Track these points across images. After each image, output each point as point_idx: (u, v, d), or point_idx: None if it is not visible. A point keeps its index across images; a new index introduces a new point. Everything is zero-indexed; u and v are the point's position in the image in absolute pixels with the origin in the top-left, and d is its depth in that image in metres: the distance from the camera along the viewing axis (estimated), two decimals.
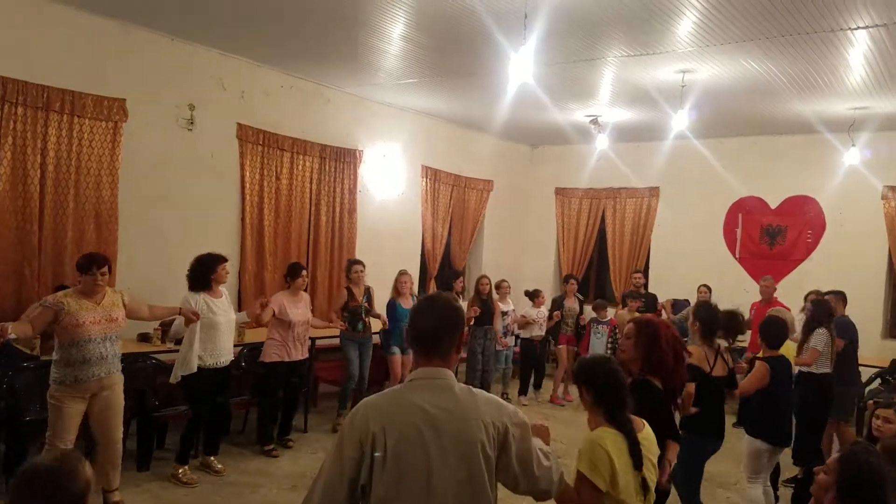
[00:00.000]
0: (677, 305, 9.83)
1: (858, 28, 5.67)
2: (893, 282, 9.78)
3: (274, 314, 6.59)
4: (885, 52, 6.23)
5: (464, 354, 8.58)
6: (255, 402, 7.01)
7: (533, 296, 9.63)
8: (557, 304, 9.52)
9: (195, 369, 5.65)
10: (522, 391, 9.51)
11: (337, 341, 7.67)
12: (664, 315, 9.70)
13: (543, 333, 9.52)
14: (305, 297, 7.00)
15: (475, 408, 2.12)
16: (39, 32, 6.23)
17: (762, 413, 4.98)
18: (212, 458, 6.12)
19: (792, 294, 8.91)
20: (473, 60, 7.26)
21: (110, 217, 6.79)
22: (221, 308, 5.93)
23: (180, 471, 5.79)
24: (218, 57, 7.63)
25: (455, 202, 11.29)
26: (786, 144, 10.37)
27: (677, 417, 4.17)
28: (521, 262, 12.44)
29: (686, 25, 5.88)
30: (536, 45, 5.75)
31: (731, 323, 5.18)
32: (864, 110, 8.36)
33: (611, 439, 2.66)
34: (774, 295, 8.85)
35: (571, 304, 9.58)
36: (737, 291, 9.67)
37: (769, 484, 5.29)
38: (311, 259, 8.90)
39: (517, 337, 9.73)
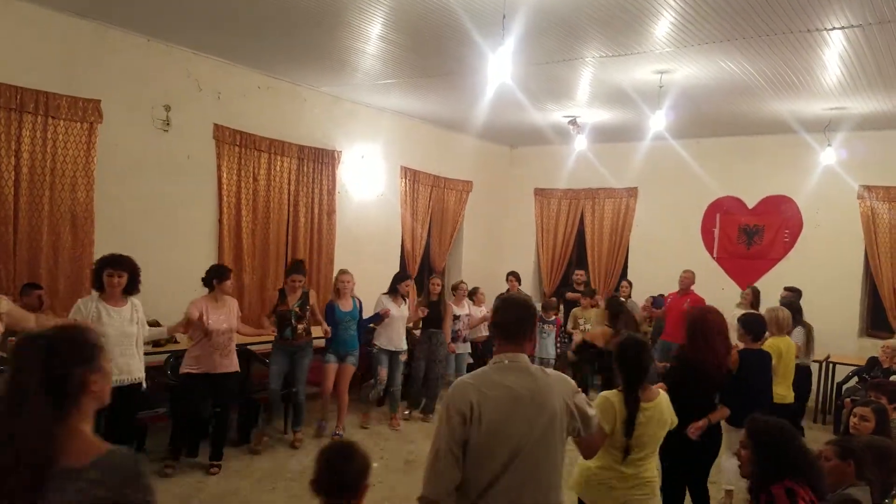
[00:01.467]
0: (657, 301, 9.87)
1: (834, 28, 5.72)
2: (870, 281, 9.89)
3: (199, 318, 5.94)
4: (861, 52, 6.29)
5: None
6: (166, 416, 6.34)
7: (471, 294, 9.31)
8: None
9: None
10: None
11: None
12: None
13: (487, 334, 9.11)
14: (231, 302, 6.32)
15: (549, 385, 2.69)
16: (12, 33, 6.14)
17: (730, 398, 4.85)
18: None
19: (771, 292, 8.97)
20: (452, 61, 7.24)
21: (86, 219, 6.71)
22: (116, 318, 5.22)
23: None
24: (193, 57, 7.56)
25: (434, 203, 11.27)
26: (763, 144, 10.45)
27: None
28: (500, 263, 12.41)
29: (663, 26, 5.90)
30: (515, 46, 5.75)
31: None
32: (840, 110, 8.45)
33: (618, 399, 3.50)
34: (692, 287, 9.22)
35: None
36: (714, 291, 9.72)
37: None
38: (289, 261, 8.82)
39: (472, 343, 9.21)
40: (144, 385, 5.45)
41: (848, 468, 3.43)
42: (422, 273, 11.26)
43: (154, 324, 6.17)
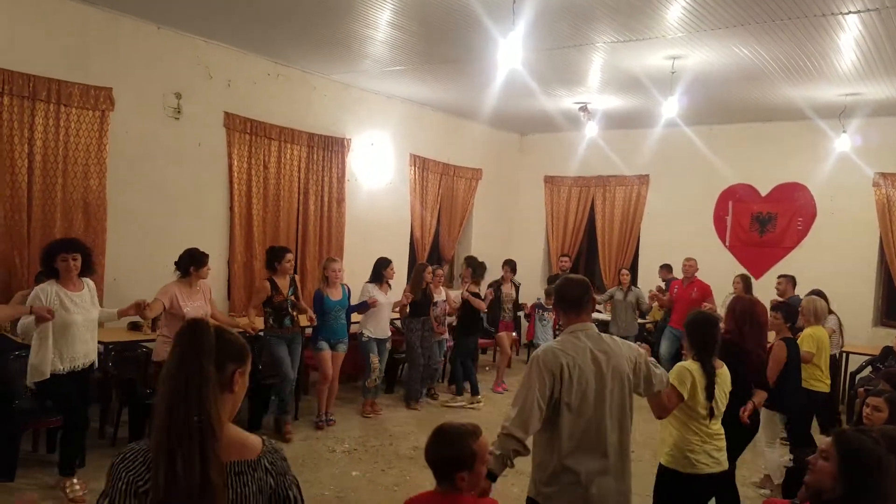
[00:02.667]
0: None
1: (850, 13, 5.65)
2: (884, 270, 9.80)
3: (165, 308, 5.68)
4: (877, 37, 6.21)
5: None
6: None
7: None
8: (494, 289, 9.08)
9: (48, 375, 4.86)
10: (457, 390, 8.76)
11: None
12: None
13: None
14: (205, 286, 6.13)
15: (619, 349, 3.21)
16: (25, 21, 6.15)
17: (779, 387, 5.22)
18: (67, 481, 5.04)
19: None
20: (461, 47, 7.21)
21: (98, 206, 6.75)
22: (79, 303, 5.06)
23: (67, 484, 5.01)
24: (204, 45, 7.56)
25: (444, 191, 11.26)
26: (776, 131, 10.36)
27: None
28: (509, 251, 12.35)
29: (676, 10, 5.84)
30: (525, 31, 5.72)
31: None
32: (856, 96, 8.36)
33: (695, 369, 3.86)
34: (696, 275, 9.33)
35: (508, 289, 9.29)
36: (726, 279, 9.66)
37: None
38: (300, 248, 8.86)
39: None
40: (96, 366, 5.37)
41: None
42: (431, 261, 11.26)
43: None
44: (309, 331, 7.24)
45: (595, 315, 9.34)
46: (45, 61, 6.26)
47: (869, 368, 8.27)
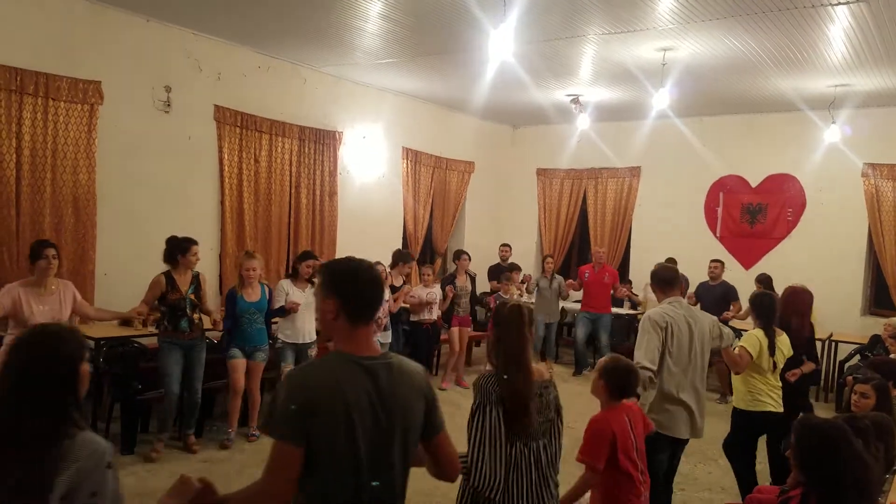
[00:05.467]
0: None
1: (839, 3, 5.66)
2: (873, 259, 9.86)
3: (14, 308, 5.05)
4: (866, 27, 6.23)
5: None
6: None
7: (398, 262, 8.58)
8: (448, 281, 8.70)
9: None
10: None
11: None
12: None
13: (435, 317, 8.45)
14: (63, 286, 5.39)
15: (704, 317, 4.45)
16: (12, 14, 6.11)
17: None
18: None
19: (774, 271, 8.95)
20: (453, 38, 7.19)
21: (88, 201, 6.71)
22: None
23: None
24: (193, 38, 7.52)
25: (436, 184, 11.25)
26: (766, 122, 10.39)
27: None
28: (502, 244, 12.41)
29: (667, 2, 5.84)
30: (516, 23, 5.72)
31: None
32: (845, 87, 8.38)
33: (761, 335, 4.96)
34: (604, 262, 10.16)
35: (463, 281, 8.84)
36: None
37: None
38: (292, 243, 8.85)
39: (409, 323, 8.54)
40: None
41: None
42: (424, 254, 11.27)
43: None
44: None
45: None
46: (32, 54, 6.21)
47: (857, 357, 8.34)
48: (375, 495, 2.13)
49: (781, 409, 5.00)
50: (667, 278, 4.54)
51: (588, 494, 3.44)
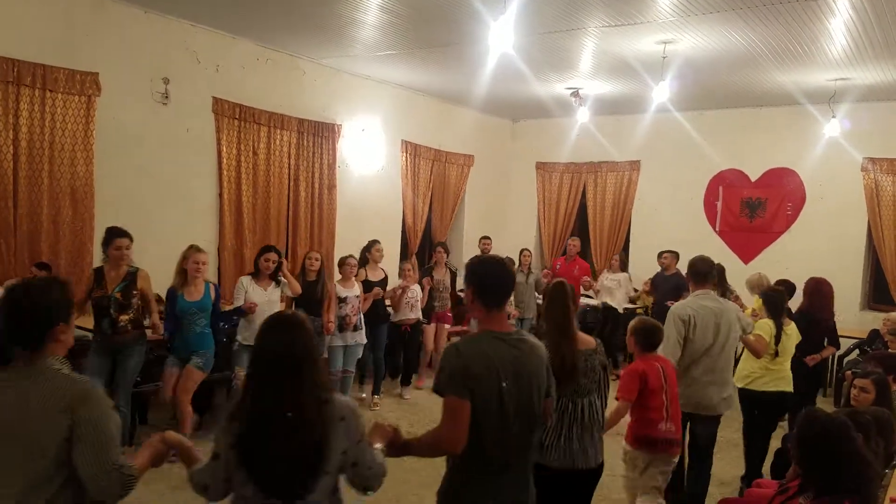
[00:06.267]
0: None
1: None
2: (872, 254, 9.85)
3: None
4: (867, 20, 6.20)
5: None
6: None
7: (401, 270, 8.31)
8: (426, 274, 8.46)
9: None
10: (376, 389, 7.84)
11: None
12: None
13: (417, 316, 8.08)
14: None
15: (728, 307, 4.89)
16: (8, 5, 6.07)
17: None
18: None
19: (773, 265, 8.96)
20: (452, 30, 7.16)
21: (86, 194, 6.68)
22: None
23: None
24: (192, 29, 7.48)
25: (435, 177, 11.22)
26: (766, 116, 10.37)
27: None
28: (502, 238, 12.37)
29: None
30: (516, 15, 5.68)
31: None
32: (845, 81, 8.36)
33: (770, 324, 5.51)
34: (576, 254, 10.24)
35: (442, 275, 8.64)
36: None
37: None
38: (290, 235, 8.83)
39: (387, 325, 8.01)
40: None
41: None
42: (423, 248, 11.25)
43: None
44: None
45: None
46: (29, 46, 6.17)
47: (857, 352, 8.34)
48: (518, 443, 2.71)
49: (787, 389, 5.53)
50: (701, 271, 4.92)
51: (627, 419, 4.31)
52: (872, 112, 9.45)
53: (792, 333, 5.66)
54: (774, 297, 5.76)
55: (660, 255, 9.51)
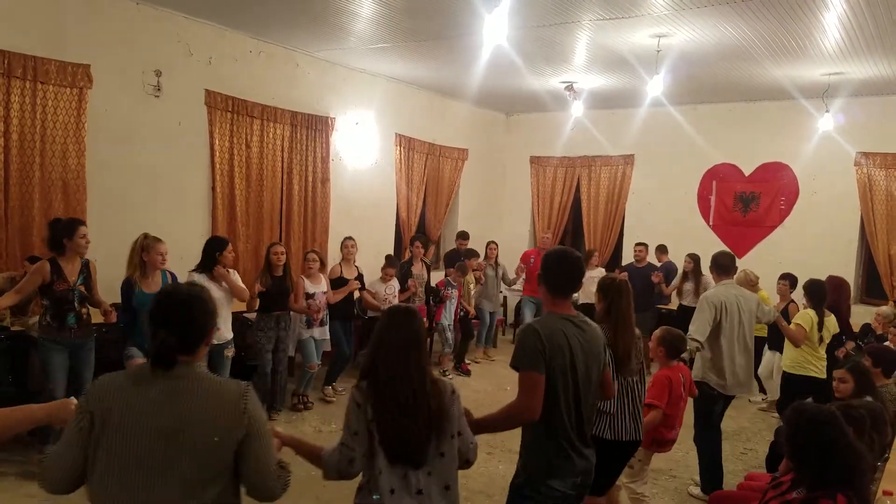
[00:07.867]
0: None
1: None
2: (865, 248, 9.89)
3: None
4: (861, 15, 6.21)
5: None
6: None
7: (388, 266, 8.46)
8: (404, 270, 8.48)
9: None
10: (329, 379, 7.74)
11: None
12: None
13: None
14: None
15: (750, 295, 5.47)
16: None
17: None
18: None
19: (766, 259, 8.97)
20: (446, 23, 7.13)
21: (78, 186, 6.63)
22: None
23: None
24: (184, 21, 7.43)
25: (429, 171, 11.20)
26: (760, 111, 10.38)
27: None
28: (496, 232, 12.37)
29: None
30: (510, 7, 5.64)
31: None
32: (839, 76, 8.37)
33: (812, 314, 6.12)
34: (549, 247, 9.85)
35: (419, 269, 8.74)
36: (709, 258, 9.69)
37: None
38: (284, 229, 8.79)
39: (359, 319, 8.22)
40: None
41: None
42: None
43: None
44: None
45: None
46: (20, 37, 6.11)
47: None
48: (587, 414, 3.08)
49: (824, 376, 5.97)
50: (725, 264, 5.51)
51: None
52: (866, 107, 9.47)
53: (831, 325, 6.19)
54: (818, 287, 6.20)
55: (635, 246, 10.02)
